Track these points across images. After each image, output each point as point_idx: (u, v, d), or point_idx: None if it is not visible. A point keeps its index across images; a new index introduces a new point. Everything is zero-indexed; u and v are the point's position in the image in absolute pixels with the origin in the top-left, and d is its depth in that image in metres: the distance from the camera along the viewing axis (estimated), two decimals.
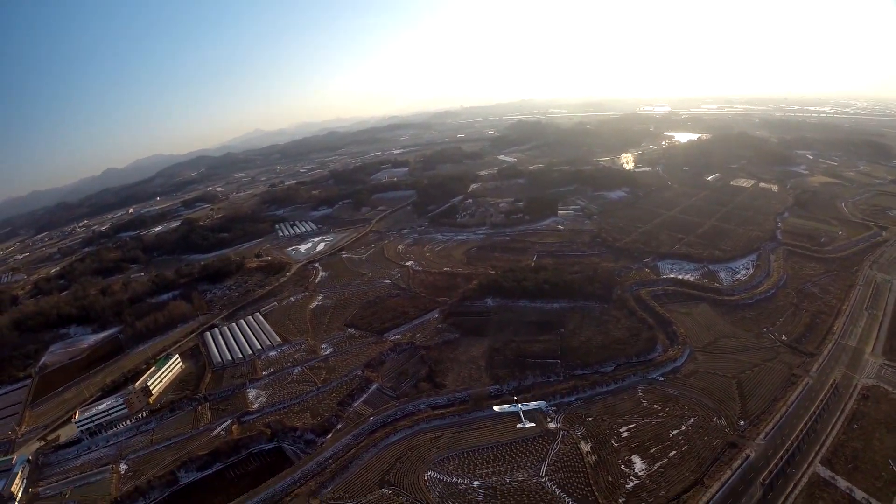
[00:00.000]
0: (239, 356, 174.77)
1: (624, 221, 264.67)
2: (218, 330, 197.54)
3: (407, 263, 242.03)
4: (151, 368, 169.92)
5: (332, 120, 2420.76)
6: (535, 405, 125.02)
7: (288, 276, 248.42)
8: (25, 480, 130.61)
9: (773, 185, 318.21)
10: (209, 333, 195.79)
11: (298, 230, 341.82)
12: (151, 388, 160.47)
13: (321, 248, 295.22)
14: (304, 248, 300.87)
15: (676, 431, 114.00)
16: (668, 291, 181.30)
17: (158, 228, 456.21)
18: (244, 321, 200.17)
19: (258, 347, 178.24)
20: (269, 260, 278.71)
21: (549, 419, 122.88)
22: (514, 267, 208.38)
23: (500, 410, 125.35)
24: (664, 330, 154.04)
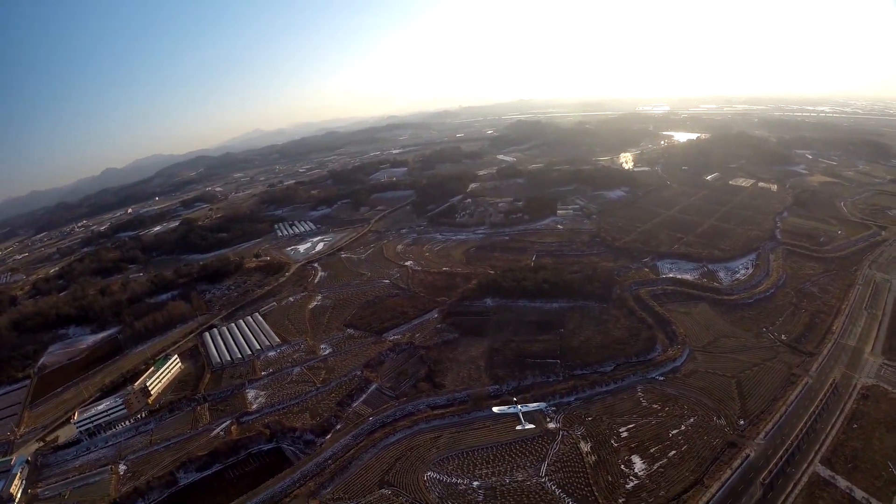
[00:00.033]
0: (238, 356, 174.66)
1: (623, 221, 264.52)
2: (217, 330, 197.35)
3: (406, 263, 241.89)
4: (150, 369, 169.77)
5: (330, 120, 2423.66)
6: (534, 406, 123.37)
7: (287, 276, 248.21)
8: (24, 481, 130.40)
9: (772, 184, 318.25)
10: (208, 334, 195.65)
11: (297, 230, 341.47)
12: (150, 388, 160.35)
13: (320, 248, 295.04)
14: (303, 248, 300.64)
15: (676, 431, 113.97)
16: (667, 291, 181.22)
17: (157, 228, 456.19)
18: (243, 321, 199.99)
19: (257, 348, 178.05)
20: (268, 260, 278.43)
21: (548, 419, 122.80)
22: (513, 266, 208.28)
23: (499, 412, 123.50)
24: (663, 329, 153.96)
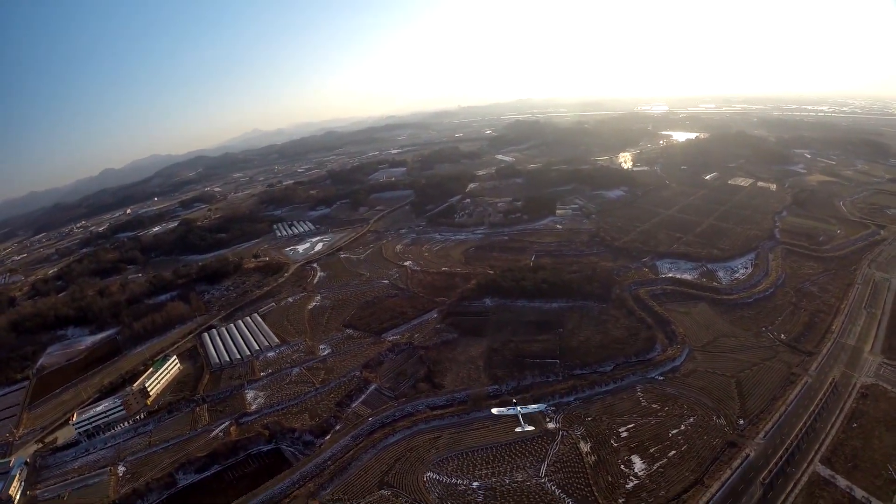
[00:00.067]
0: (237, 357, 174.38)
1: (622, 221, 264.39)
2: (216, 331, 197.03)
3: (405, 263, 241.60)
4: (149, 370, 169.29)
5: (330, 120, 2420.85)
6: (534, 408, 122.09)
7: (286, 276, 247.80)
8: (23, 483, 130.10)
9: (771, 183, 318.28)
10: (207, 334, 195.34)
11: (296, 230, 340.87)
12: (149, 389, 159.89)
13: (319, 248, 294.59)
14: (302, 248, 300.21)
15: (676, 431, 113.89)
16: (666, 291, 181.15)
17: (156, 229, 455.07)
18: (242, 322, 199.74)
19: (256, 348, 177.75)
20: (267, 260, 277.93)
21: (548, 419, 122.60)
22: (512, 266, 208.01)
23: (498, 413, 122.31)
24: (663, 329, 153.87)
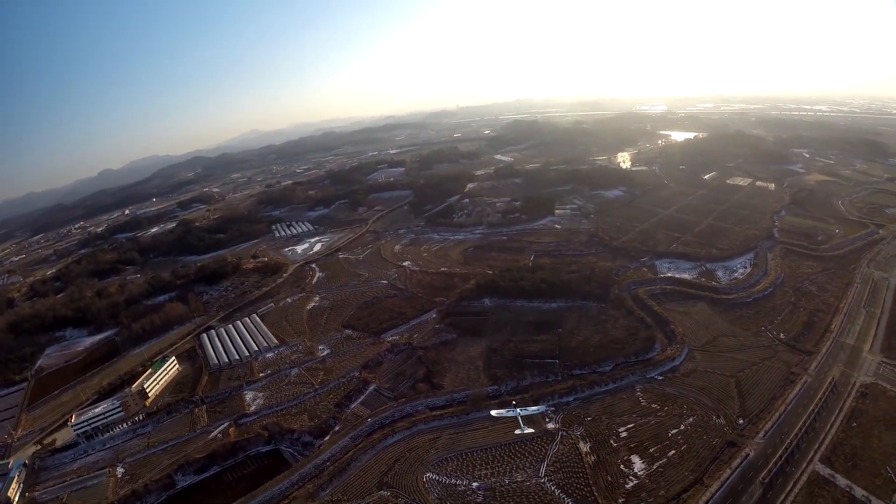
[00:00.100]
0: (236, 358, 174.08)
1: (621, 220, 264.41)
2: (214, 331, 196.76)
3: (404, 264, 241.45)
4: (148, 371, 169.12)
5: (328, 120, 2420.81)
6: (534, 410, 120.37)
7: (284, 276, 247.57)
8: (22, 485, 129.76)
9: (769, 183, 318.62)
10: (206, 335, 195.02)
11: (295, 231, 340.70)
12: (148, 390, 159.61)
13: (318, 248, 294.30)
14: (300, 248, 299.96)
15: (675, 431, 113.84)
16: (665, 290, 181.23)
17: (155, 230, 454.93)
18: (241, 323, 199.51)
19: (255, 349, 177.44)
20: (265, 261, 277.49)
21: (547, 419, 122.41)
22: (511, 267, 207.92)
23: (497, 415, 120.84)
24: (662, 329, 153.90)
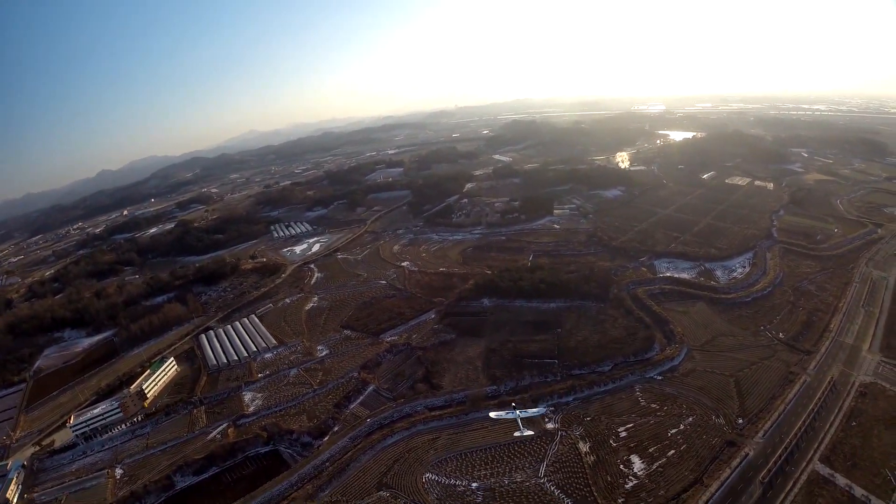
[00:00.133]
0: (234, 358, 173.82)
1: (620, 220, 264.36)
2: (213, 332, 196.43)
3: (402, 264, 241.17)
4: (146, 372, 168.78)
5: (327, 120, 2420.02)
6: (533, 412, 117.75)
7: (283, 277, 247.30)
8: (21, 486, 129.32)
9: (768, 182, 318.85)
10: (204, 336, 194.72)
11: (293, 231, 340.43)
12: (146, 391, 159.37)
13: (316, 248, 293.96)
14: (299, 249, 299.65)
15: (675, 430, 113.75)
16: (664, 290, 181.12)
17: (153, 230, 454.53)
18: (239, 323, 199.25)
19: (253, 350, 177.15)
20: (264, 261, 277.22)
21: (547, 419, 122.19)
22: (510, 267, 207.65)
23: (496, 417, 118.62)
24: (661, 329, 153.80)
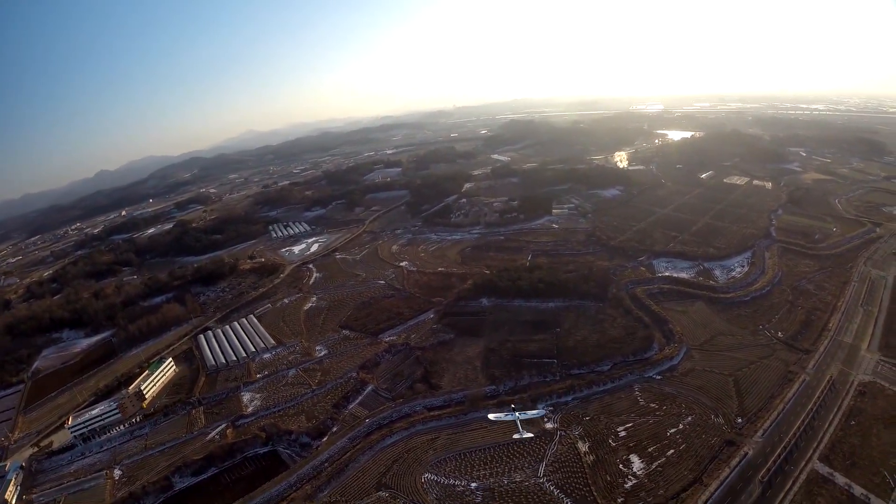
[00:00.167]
0: (233, 359, 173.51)
1: (618, 220, 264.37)
2: (211, 332, 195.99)
3: (401, 264, 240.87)
4: (145, 372, 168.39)
5: (325, 120, 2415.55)
6: (533, 414, 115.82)
7: (282, 277, 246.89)
8: (19, 487, 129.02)
9: (766, 182, 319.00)
10: (203, 336, 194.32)
11: (292, 231, 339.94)
12: (145, 392, 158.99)
13: (315, 248, 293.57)
14: (297, 249, 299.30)
15: (674, 430, 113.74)
16: (663, 289, 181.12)
17: (151, 230, 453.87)
18: (238, 323, 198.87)
19: (252, 350, 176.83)
20: (262, 261, 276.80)
21: (546, 419, 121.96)
22: (508, 266, 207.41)
23: (495, 419, 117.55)
24: (660, 328, 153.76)
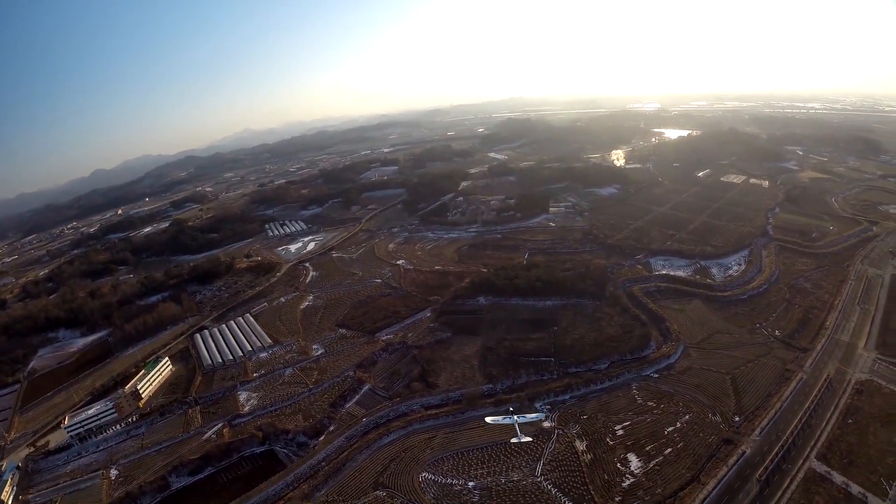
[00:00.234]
0: (229, 358, 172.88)
1: (615, 218, 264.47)
2: (208, 332, 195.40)
3: (398, 262, 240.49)
4: (141, 372, 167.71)
5: (322, 119, 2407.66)
6: (532, 417, 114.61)
7: (278, 276, 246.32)
8: (15, 488, 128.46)
9: (763, 180, 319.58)
10: (199, 335, 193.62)
11: (288, 230, 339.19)
12: (141, 391, 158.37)
13: (311, 247, 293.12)
14: (294, 247, 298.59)
15: (672, 428, 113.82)
16: (660, 288, 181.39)
17: (147, 229, 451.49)
18: (234, 322, 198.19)
19: (249, 349, 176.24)
20: (259, 260, 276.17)
21: (544, 420, 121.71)
22: (505, 265, 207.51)
23: (492, 422, 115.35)
24: (657, 326, 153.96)
